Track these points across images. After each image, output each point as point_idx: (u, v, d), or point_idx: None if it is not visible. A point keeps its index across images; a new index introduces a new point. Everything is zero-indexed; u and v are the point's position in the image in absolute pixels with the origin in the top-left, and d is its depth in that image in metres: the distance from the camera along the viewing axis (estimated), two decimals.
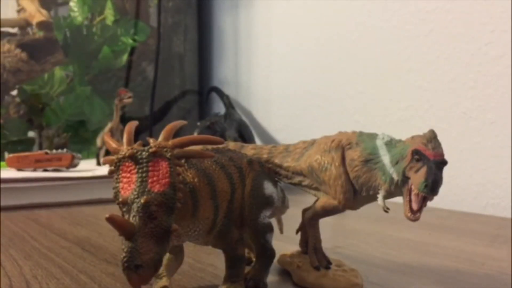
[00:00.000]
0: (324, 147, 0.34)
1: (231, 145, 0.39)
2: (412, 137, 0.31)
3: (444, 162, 0.29)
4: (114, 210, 0.26)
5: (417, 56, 0.82)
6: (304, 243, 0.38)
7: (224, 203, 0.30)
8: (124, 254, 0.24)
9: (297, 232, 0.39)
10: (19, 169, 0.82)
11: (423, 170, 0.29)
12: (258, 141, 1.16)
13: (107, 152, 0.90)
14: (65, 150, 0.83)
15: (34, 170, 0.82)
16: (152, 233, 0.24)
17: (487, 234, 0.56)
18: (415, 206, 0.29)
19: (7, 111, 1.09)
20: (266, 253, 0.33)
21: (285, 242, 0.41)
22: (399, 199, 0.31)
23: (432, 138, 0.30)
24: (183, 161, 0.27)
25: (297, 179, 0.36)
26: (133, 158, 0.26)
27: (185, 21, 1.33)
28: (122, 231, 0.24)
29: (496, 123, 0.71)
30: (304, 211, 0.37)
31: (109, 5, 1.19)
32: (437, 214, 0.67)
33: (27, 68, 1.11)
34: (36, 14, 1.13)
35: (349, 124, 0.92)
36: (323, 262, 0.35)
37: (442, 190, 0.29)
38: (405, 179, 0.30)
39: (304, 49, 1.05)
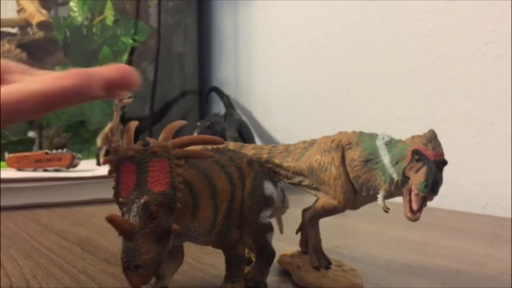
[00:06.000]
0: (324, 147, 0.34)
1: (231, 145, 0.39)
2: (412, 137, 0.31)
3: (444, 162, 0.29)
4: (114, 210, 0.26)
5: (417, 56, 0.82)
6: (304, 243, 0.38)
7: (224, 203, 0.30)
8: (124, 254, 0.24)
9: (297, 232, 0.39)
10: (19, 169, 0.82)
11: (423, 170, 0.29)
12: (258, 141, 1.16)
13: (107, 152, 0.90)
14: (65, 150, 0.83)
15: (34, 170, 0.82)
16: (152, 233, 0.24)
17: (487, 234, 0.56)
18: (415, 206, 0.29)
19: None
20: (266, 253, 0.33)
21: (285, 242, 0.41)
22: (399, 199, 0.31)
23: (432, 138, 0.30)
24: (183, 161, 0.27)
25: (297, 179, 0.36)
26: (133, 158, 0.26)
27: (185, 21, 1.33)
28: (122, 231, 0.24)
29: (496, 123, 0.71)
30: (304, 211, 0.37)
31: (109, 5, 1.19)
32: (437, 214, 0.67)
33: None
34: (36, 14, 1.13)
35: (349, 124, 0.92)
36: (323, 262, 0.35)
37: (442, 190, 0.29)
38: (405, 179, 0.30)
39: (304, 49, 1.05)
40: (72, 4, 1.16)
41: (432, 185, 0.28)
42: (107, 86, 0.26)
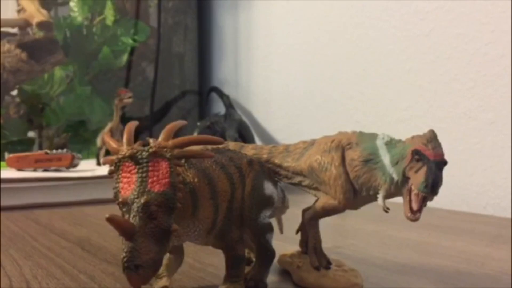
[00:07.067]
0: (324, 147, 0.34)
1: (231, 145, 0.39)
2: (412, 137, 0.31)
3: (444, 162, 0.29)
4: (114, 210, 0.26)
5: (417, 56, 0.82)
6: (304, 243, 0.38)
7: (224, 203, 0.30)
8: (124, 254, 0.24)
9: (297, 232, 0.39)
10: (19, 169, 0.82)
11: (423, 170, 0.29)
12: (258, 141, 1.16)
13: (107, 152, 0.90)
14: (65, 150, 0.83)
15: (34, 170, 0.82)
16: (152, 233, 0.24)
17: (487, 234, 0.56)
18: (415, 206, 0.29)
19: (7, 111, 1.09)
20: (266, 253, 0.33)
21: (285, 242, 0.41)
22: (399, 199, 0.31)
23: (432, 138, 0.30)
24: (183, 161, 0.27)
25: (297, 179, 0.36)
26: (133, 158, 0.26)
27: (185, 21, 1.33)
28: (122, 231, 0.24)
29: (496, 123, 0.71)
30: (304, 211, 0.37)
31: (109, 5, 1.19)
32: (437, 214, 0.67)
33: (27, 68, 1.11)
34: (36, 14, 1.13)
35: (349, 124, 0.92)
36: (323, 262, 0.35)
37: (442, 190, 0.29)
38: (405, 179, 0.30)
39: (304, 49, 1.05)
40: (72, 4, 1.16)
41: (432, 185, 0.28)
42: None
